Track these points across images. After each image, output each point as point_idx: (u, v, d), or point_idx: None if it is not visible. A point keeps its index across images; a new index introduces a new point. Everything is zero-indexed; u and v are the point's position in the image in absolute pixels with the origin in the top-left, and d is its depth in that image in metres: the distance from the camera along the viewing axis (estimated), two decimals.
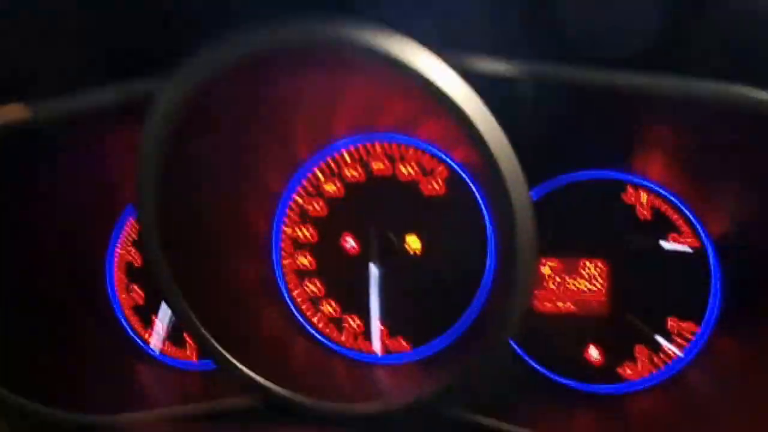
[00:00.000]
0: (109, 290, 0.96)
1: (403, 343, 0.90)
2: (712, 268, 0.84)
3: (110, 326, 0.95)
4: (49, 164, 0.83)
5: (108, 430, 0.80)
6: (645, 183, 0.86)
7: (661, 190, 0.86)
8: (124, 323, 0.96)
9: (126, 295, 0.96)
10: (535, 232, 0.65)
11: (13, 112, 0.71)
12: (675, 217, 0.85)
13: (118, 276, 0.96)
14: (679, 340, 0.85)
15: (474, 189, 0.88)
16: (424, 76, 0.61)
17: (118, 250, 0.95)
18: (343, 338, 0.91)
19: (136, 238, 0.95)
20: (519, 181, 0.64)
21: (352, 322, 0.91)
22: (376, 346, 0.89)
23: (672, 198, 0.86)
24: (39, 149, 0.80)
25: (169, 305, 0.75)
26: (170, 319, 0.93)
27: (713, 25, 0.62)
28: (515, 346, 0.88)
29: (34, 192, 0.84)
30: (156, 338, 0.94)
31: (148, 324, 0.95)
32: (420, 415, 0.74)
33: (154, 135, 0.67)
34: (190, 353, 0.94)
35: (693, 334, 0.84)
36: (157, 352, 0.95)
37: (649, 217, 0.86)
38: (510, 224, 0.64)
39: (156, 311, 0.94)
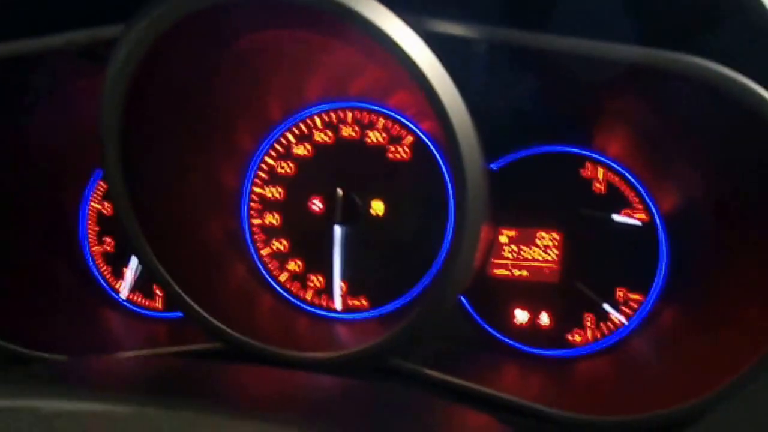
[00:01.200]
0: (82, 239, 0.99)
1: (363, 302, 0.93)
2: (660, 242, 0.88)
3: (81, 274, 0.98)
4: (24, 110, 0.86)
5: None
6: (603, 159, 0.90)
7: (617, 166, 0.90)
8: (95, 272, 0.99)
9: (98, 246, 0.99)
10: (485, 200, 0.68)
11: None
12: (628, 192, 0.89)
13: (90, 226, 0.99)
14: (625, 309, 0.89)
15: (438, 156, 0.91)
16: (381, 30, 0.62)
17: (92, 200, 0.98)
18: (306, 295, 0.95)
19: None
20: (473, 147, 0.66)
21: (315, 280, 0.95)
22: (337, 303, 0.93)
23: (627, 174, 0.89)
24: (12, 94, 0.82)
25: (138, 257, 0.78)
26: (138, 270, 0.96)
27: None
28: (469, 309, 0.92)
29: (6, 138, 0.86)
30: (125, 287, 0.97)
31: (119, 273, 0.98)
32: (375, 369, 0.78)
33: (115, 84, 0.68)
34: (158, 303, 0.98)
35: (639, 303, 0.88)
36: (125, 300, 0.98)
37: (603, 191, 0.90)
38: (461, 190, 0.67)
39: (126, 261, 0.97)
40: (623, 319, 0.88)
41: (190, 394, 0.59)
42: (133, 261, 0.96)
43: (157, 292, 0.97)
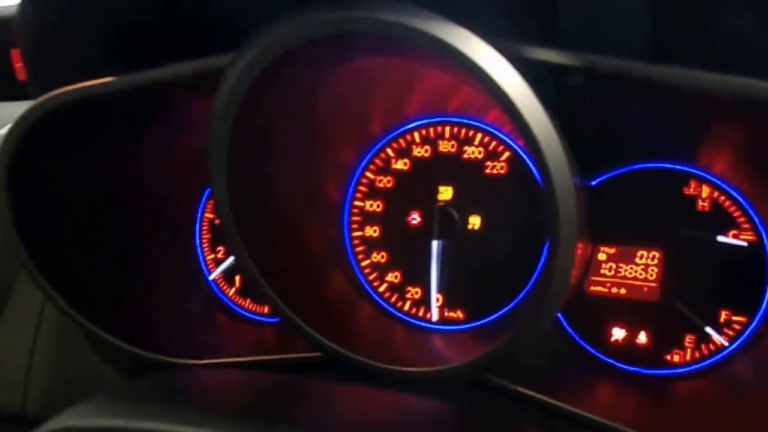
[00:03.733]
0: (197, 247, 1.06)
1: (460, 314, 0.96)
2: None
3: (197, 281, 1.05)
4: (143, 132, 0.93)
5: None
6: (707, 176, 0.88)
7: (723, 185, 0.87)
8: (209, 278, 1.06)
9: (212, 253, 1.06)
10: (578, 222, 0.67)
11: (104, 82, 0.79)
12: (735, 211, 0.87)
13: (204, 234, 1.06)
14: (728, 331, 0.87)
15: (535, 171, 0.92)
16: (467, 57, 0.64)
17: (205, 211, 1.06)
18: (404, 305, 0.98)
19: None
20: (564, 172, 0.66)
21: (413, 291, 0.98)
22: (434, 314, 0.96)
23: (733, 193, 0.87)
24: (133, 118, 0.90)
25: (241, 269, 0.83)
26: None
27: None
28: (566, 325, 0.93)
29: (130, 157, 0.94)
30: (218, 270, 1.05)
31: (230, 279, 1.05)
32: (470, 384, 0.81)
33: (223, 111, 0.73)
34: (266, 309, 1.04)
35: (743, 325, 0.86)
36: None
37: (708, 210, 0.88)
38: (553, 213, 0.67)
39: (236, 268, 1.04)
40: (725, 341, 0.86)
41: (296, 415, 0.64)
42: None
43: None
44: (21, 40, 0.78)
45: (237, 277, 1.05)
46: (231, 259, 1.04)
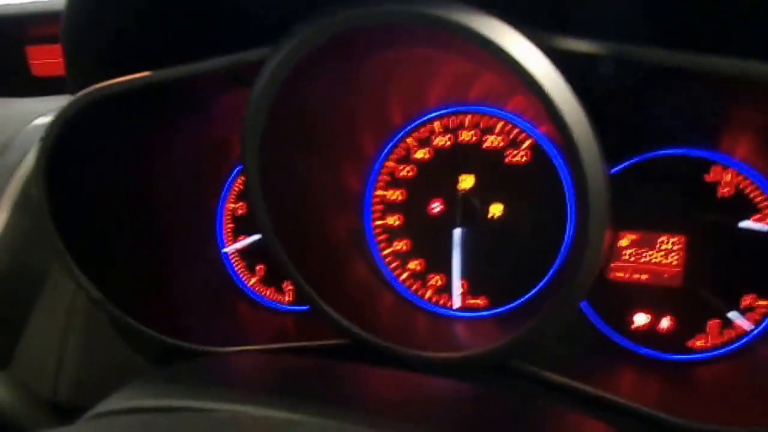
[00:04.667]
0: (219, 237, 1.07)
1: (483, 301, 0.96)
2: None
3: (219, 270, 1.06)
4: (173, 125, 0.94)
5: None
6: (730, 162, 0.88)
7: (745, 170, 0.87)
8: (230, 268, 1.07)
9: (233, 243, 1.07)
10: (607, 208, 0.68)
11: (141, 76, 0.80)
12: (757, 196, 0.87)
13: (226, 225, 1.07)
14: (751, 315, 0.87)
15: (556, 159, 0.92)
16: (503, 49, 0.65)
17: (228, 203, 1.07)
18: (426, 293, 0.99)
19: (242, 190, 1.06)
20: (595, 159, 0.67)
21: (435, 279, 0.98)
22: (456, 301, 0.96)
23: (756, 178, 0.87)
24: (164, 111, 0.91)
25: (270, 252, 0.84)
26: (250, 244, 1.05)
27: None
28: (587, 311, 0.93)
29: (162, 147, 0.95)
30: (234, 246, 1.07)
31: (251, 269, 1.06)
32: (494, 368, 0.81)
33: (260, 97, 0.75)
34: (286, 297, 1.05)
35: (767, 309, 0.86)
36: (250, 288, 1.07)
37: (730, 195, 0.88)
38: (583, 199, 0.68)
39: (257, 258, 1.06)
40: (748, 326, 0.87)
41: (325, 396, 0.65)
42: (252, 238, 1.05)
43: (284, 287, 1.05)
44: (62, 37, 0.79)
45: (258, 267, 1.06)
46: (250, 239, 1.06)
